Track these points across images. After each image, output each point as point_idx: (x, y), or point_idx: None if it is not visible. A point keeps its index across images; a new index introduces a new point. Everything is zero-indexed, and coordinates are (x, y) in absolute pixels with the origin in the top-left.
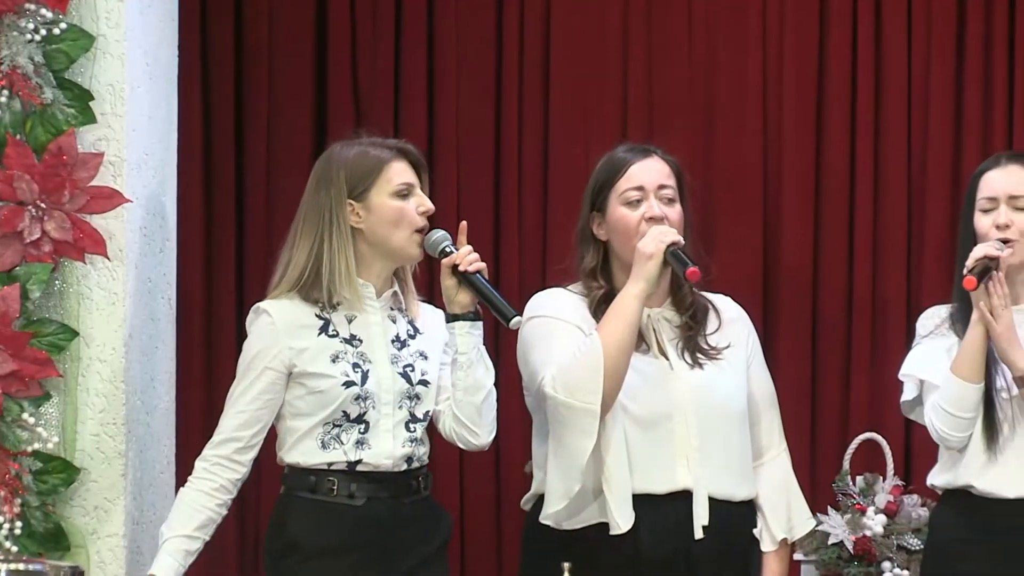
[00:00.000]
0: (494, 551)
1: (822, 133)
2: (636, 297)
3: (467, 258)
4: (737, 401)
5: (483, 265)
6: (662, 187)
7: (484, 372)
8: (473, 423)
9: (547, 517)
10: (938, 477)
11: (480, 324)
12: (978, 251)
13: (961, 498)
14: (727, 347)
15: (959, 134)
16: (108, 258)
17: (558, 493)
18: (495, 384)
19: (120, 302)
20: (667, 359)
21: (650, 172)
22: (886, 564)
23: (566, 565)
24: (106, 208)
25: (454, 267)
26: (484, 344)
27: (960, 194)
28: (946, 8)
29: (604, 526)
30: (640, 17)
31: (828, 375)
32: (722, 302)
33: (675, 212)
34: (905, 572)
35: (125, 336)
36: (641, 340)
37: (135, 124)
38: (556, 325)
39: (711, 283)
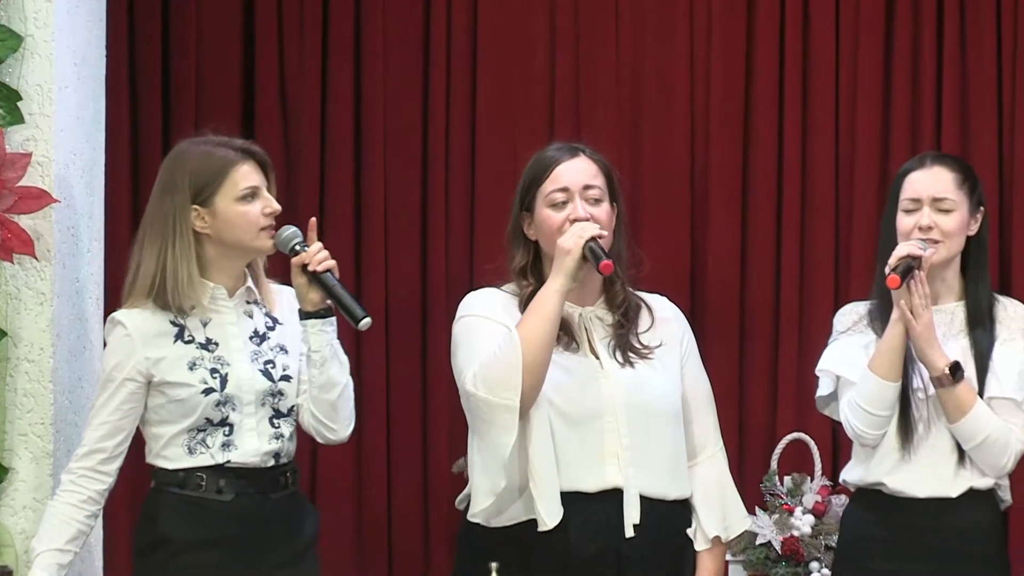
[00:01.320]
0: (421, 549)
1: (749, 131)
2: (556, 292)
3: (316, 257)
4: (669, 400)
5: (333, 263)
6: (588, 187)
7: (338, 369)
8: (329, 419)
9: (475, 515)
10: (851, 473)
11: (333, 321)
12: (901, 250)
13: (872, 496)
14: (659, 346)
15: (887, 134)
16: (36, 258)
17: (483, 490)
18: (420, 380)
19: (48, 302)
20: (597, 358)
21: (575, 173)
22: (814, 564)
23: (493, 565)
24: (34, 208)
25: (304, 266)
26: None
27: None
28: (874, 8)
29: (533, 523)
30: (567, 17)
31: (755, 374)
32: (657, 301)
33: (602, 212)
34: None
35: (53, 336)
36: (571, 339)
37: (63, 124)
38: (484, 324)
39: (642, 280)
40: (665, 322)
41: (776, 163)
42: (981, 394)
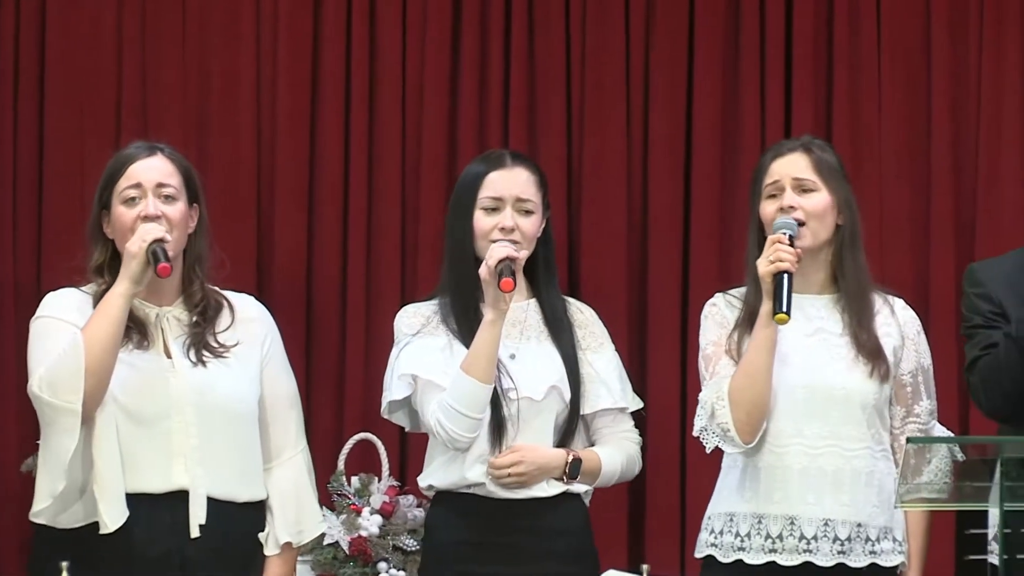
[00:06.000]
0: None
1: (316, 129)
2: (121, 296)
3: None
4: (243, 400)
5: None
6: (161, 185)
7: None
8: None
9: (36, 515)
10: (436, 478)
11: None
12: (499, 252)
13: (461, 499)
14: (236, 345)
15: (454, 132)
16: None
17: (44, 492)
18: None
19: None
20: (170, 357)
21: (149, 171)
22: (382, 564)
23: (64, 564)
24: None
25: None
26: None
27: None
28: (441, 5)
29: (98, 524)
30: (134, 15)
31: (322, 374)
32: (241, 301)
33: (175, 210)
34: (401, 573)
35: None
36: (144, 337)
37: None
38: (54, 325)
39: (219, 280)
40: (248, 322)
41: (343, 161)
42: (586, 406)
